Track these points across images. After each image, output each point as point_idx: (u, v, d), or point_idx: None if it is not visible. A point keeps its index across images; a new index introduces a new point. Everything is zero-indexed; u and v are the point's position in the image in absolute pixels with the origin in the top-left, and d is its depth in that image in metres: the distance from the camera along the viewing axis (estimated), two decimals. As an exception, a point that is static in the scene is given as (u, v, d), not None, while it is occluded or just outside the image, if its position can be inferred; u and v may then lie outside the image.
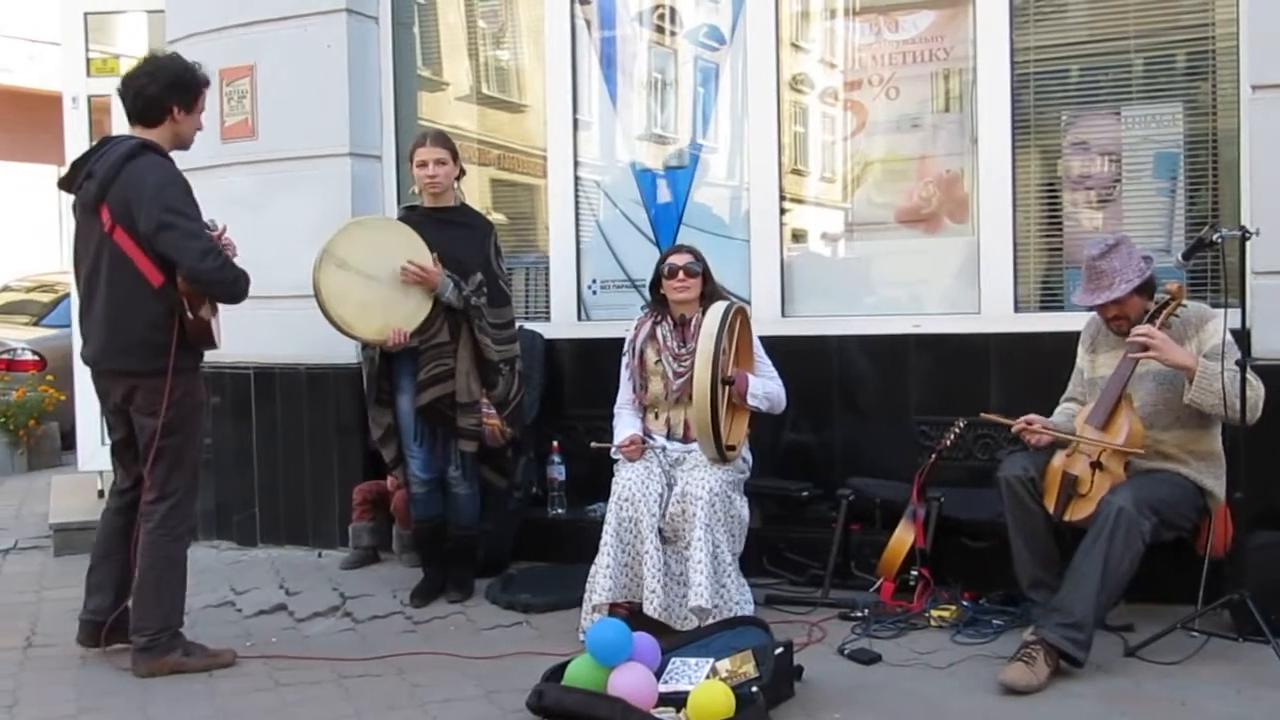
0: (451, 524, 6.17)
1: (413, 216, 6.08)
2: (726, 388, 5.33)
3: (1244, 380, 4.71)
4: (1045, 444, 5.15)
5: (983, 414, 5.37)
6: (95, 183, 4.96)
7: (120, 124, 5.69)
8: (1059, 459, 5.06)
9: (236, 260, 5.17)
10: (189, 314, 4.95)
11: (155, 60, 5.19)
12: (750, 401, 5.54)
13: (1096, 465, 4.88)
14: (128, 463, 5.32)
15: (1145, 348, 4.79)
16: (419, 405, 5.94)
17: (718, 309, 5.32)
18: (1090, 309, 5.21)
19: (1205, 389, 4.73)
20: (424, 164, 5.99)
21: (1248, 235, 4.80)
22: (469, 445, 6.00)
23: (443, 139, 6.12)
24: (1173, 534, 4.92)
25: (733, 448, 5.41)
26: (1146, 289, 5.05)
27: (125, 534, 5.23)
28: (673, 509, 5.32)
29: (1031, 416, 5.16)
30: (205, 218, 5.19)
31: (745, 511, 5.47)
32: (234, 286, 5.04)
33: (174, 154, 5.13)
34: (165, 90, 5.04)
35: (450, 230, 5.99)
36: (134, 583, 5.14)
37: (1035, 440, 5.14)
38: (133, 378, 5.05)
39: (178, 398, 5.02)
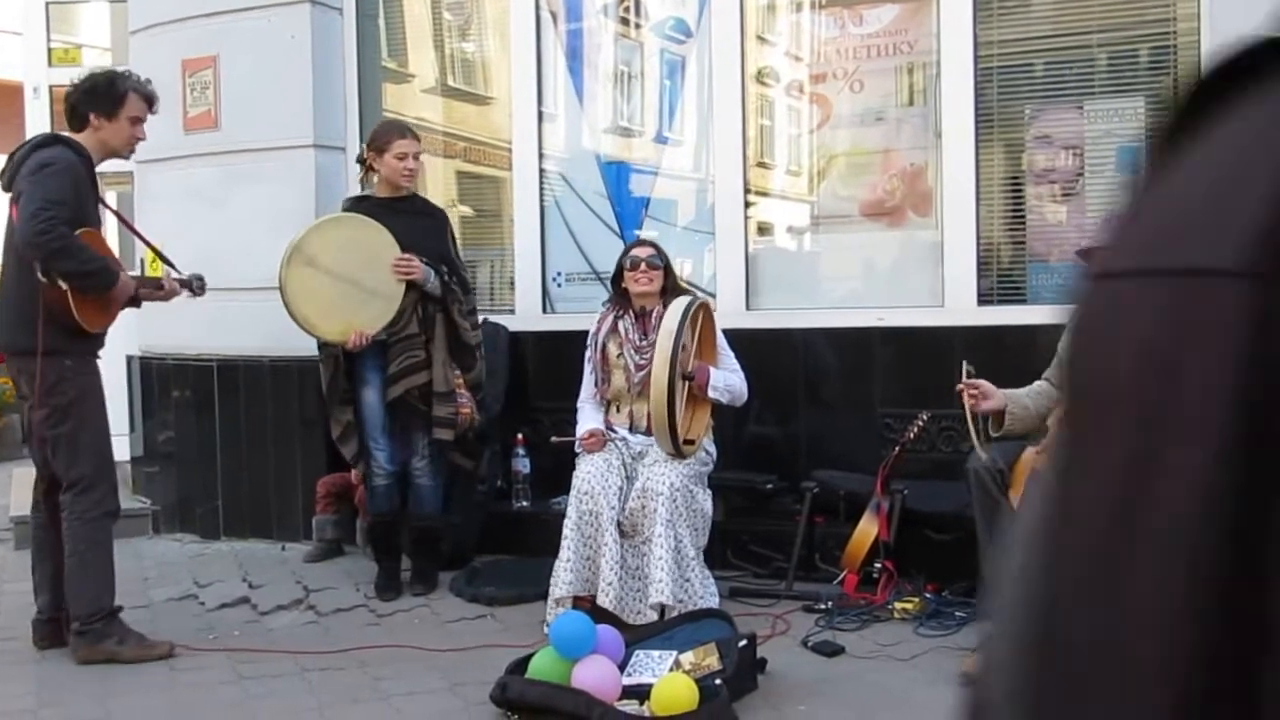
0: (413, 514, 6.17)
1: (366, 206, 6.05)
2: (686, 383, 5.35)
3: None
4: (985, 410, 5.15)
5: (965, 362, 5.30)
6: (8, 173, 5.07)
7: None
8: (1029, 454, 5.07)
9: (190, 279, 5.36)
10: (40, 276, 4.89)
11: (90, 72, 5.28)
12: (710, 394, 5.54)
13: None
14: (33, 452, 5.36)
15: None
16: (390, 398, 5.93)
17: (679, 304, 5.32)
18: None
19: None
20: (405, 155, 5.97)
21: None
22: (445, 434, 6.00)
23: (415, 132, 6.14)
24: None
25: (691, 442, 5.41)
26: None
27: (50, 527, 5.24)
28: (633, 504, 5.31)
29: (978, 381, 5.15)
30: (184, 271, 5.30)
31: (708, 504, 5.47)
32: (56, 255, 4.84)
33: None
34: (82, 98, 5.13)
35: (410, 219, 5.98)
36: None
37: (973, 405, 5.13)
38: (17, 358, 5.11)
39: (53, 383, 5.02)
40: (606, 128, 7.35)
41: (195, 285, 5.41)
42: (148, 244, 5.55)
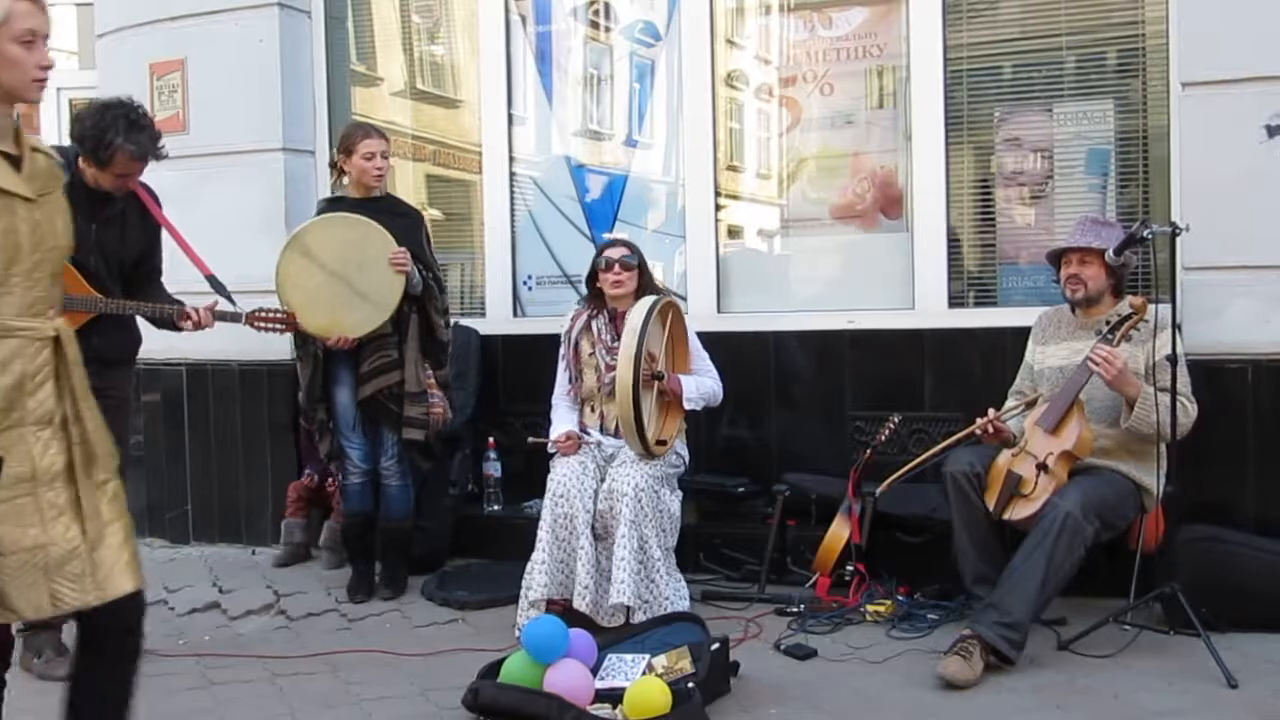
0: (383, 517, 6.15)
1: (340, 208, 6.02)
2: (656, 382, 5.34)
3: (1174, 403, 4.76)
4: (989, 443, 5.18)
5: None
6: None
7: (48, 117, 5.61)
8: (1004, 457, 5.08)
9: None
10: None
11: (86, 112, 4.99)
12: (686, 405, 5.54)
13: (1042, 467, 4.90)
14: None
15: (1098, 362, 4.82)
16: (361, 398, 5.91)
17: (644, 303, 5.30)
18: (1056, 258, 5.28)
19: (1142, 419, 4.81)
20: (372, 155, 5.94)
21: (1178, 231, 4.84)
22: (416, 434, 5.97)
23: (381, 131, 6.12)
24: (1111, 534, 4.95)
25: (663, 443, 5.39)
26: (1115, 273, 5.12)
27: None
28: (601, 506, 5.30)
29: (1003, 426, 5.17)
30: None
31: (676, 506, 5.45)
32: None
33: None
34: (75, 138, 4.90)
35: (386, 220, 5.93)
36: None
37: (985, 437, 5.15)
38: None
39: None
40: (576, 131, 7.34)
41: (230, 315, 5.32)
42: (197, 262, 5.41)
